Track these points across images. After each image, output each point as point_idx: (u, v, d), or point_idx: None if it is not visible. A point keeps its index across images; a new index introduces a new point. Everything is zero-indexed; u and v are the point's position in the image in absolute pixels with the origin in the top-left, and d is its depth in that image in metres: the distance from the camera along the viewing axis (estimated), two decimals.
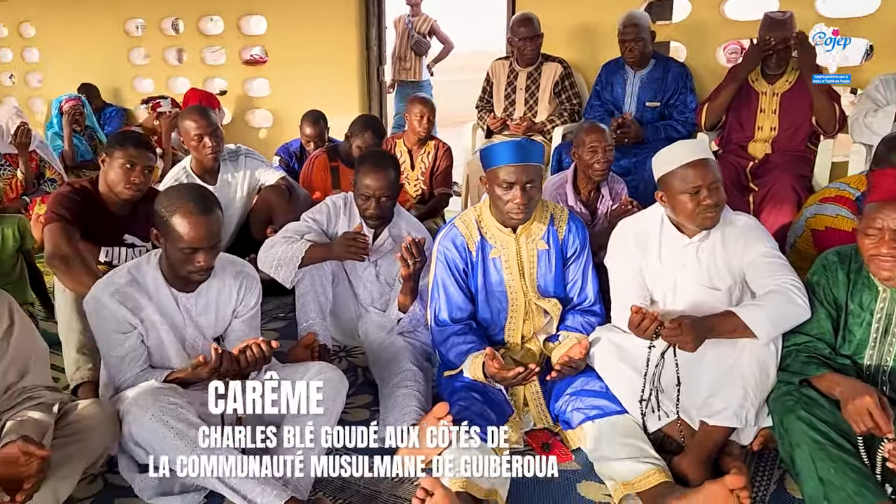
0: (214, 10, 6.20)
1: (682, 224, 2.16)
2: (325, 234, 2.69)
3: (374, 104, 5.64)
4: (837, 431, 1.71)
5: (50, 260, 2.50)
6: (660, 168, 2.17)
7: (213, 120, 3.25)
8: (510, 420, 2.12)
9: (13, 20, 7.40)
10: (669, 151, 2.18)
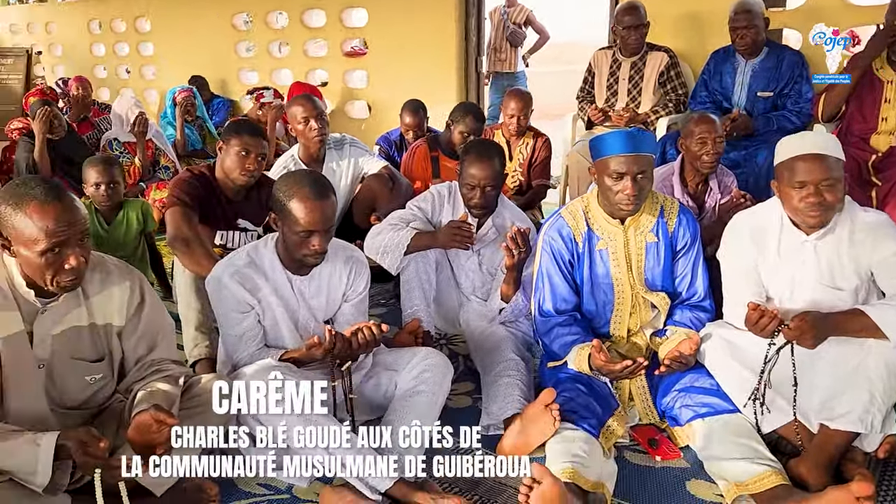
0: (318, 4, 6.36)
1: (794, 219, 2.07)
2: (429, 223, 2.72)
3: (472, 95, 5.64)
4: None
5: (172, 242, 2.64)
6: (777, 156, 2.09)
7: (318, 105, 3.36)
8: (615, 414, 2.09)
9: (130, 16, 7.82)
10: (790, 140, 2.09)
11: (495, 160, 2.58)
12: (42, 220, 1.60)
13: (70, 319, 1.78)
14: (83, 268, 1.69)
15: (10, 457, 1.55)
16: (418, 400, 2.03)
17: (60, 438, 1.56)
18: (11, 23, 9.35)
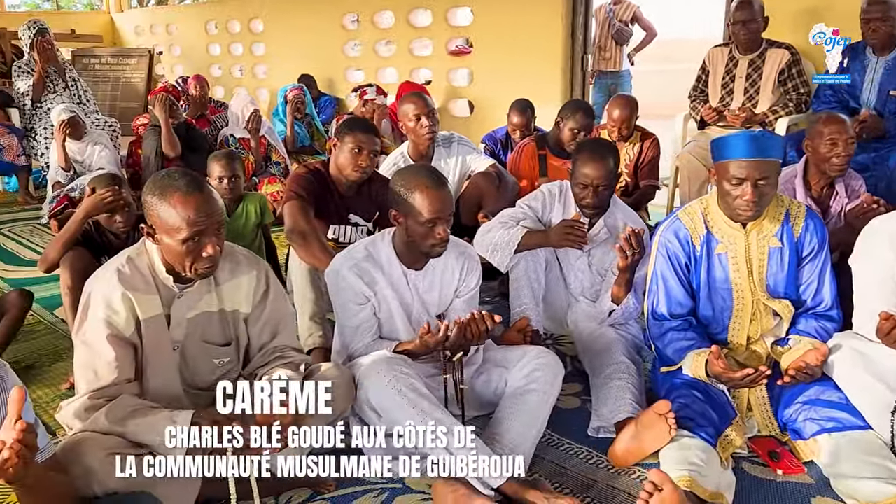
0: (424, 4, 6.44)
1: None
2: (539, 221, 2.71)
3: (577, 94, 5.58)
4: None
5: (289, 234, 2.74)
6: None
7: (430, 102, 3.41)
8: (733, 423, 2.01)
9: (245, 17, 8.16)
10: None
11: (609, 159, 2.54)
12: (184, 210, 1.70)
13: (202, 305, 1.88)
14: (218, 256, 1.78)
15: (149, 431, 1.65)
16: (529, 398, 2.03)
17: (195, 416, 1.65)
18: (136, 24, 9.94)
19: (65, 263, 2.63)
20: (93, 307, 1.76)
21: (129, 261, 1.82)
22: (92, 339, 1.74)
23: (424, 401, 1.88)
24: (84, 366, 1.74)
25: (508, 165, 3.83)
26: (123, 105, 8.70)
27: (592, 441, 2.14)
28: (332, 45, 7.22)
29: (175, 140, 4.71)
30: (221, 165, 3.18)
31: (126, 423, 1.66)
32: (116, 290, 1.75)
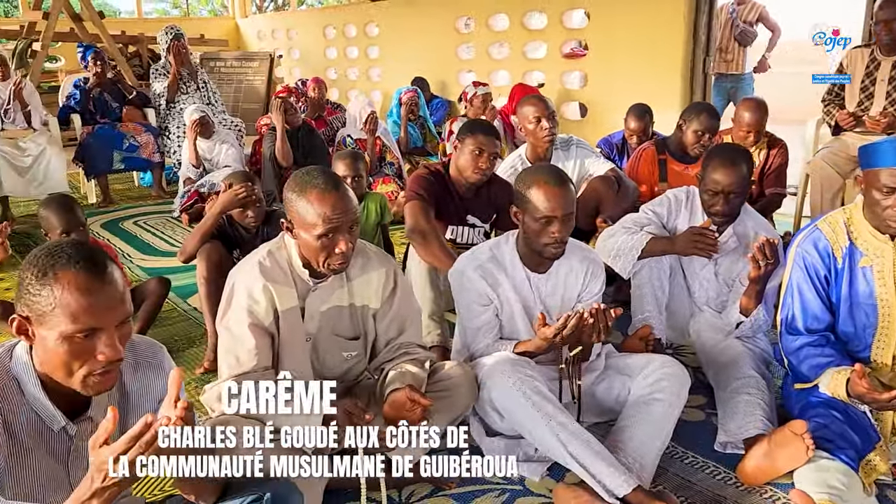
0: (539, 6, 6.42)
1: None
2: (664, 228, 2.64)
3: (698, 97, 5.40)
4: None
5: (410, 233, 2.80)
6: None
7: (550, 105, 3.38)
8: (877, 448, 1.90)
9: (361, 21, 8.40)
10: None
11: (742, 165, 2.44)
12: (321, 207, 1.76)
13: (334, 299, 1.95)
14: (350, 253, 1.84)
15: (286, 418, 1.71)
16: (655, 408, 1.98)
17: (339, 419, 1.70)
18: (259, 29, 10.42)
19: (201, 255, 2.78)
20: (236, 297, 1.85)
21: (270, 254, 1.90)
22: (235, 327, 1.83)
23: (549, 404, 1.87)
24: (227, 351, 1.84)
25: (627, 171, 3.75)
26: (245, 106, 9.14)
27: (719, 456, 2.07)
28: (445, 47, 7.31)
29: (287, 150, 4.84)
30: (346, 164, 3.27)
31: None
32: (258, 281, 1.84)
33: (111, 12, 20.29)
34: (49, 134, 5.15)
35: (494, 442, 2.06)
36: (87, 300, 1.21)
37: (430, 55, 7.40)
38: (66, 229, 2.67)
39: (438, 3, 7.33)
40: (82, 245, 1.28)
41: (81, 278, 1.22)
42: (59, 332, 1.22)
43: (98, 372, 1.26)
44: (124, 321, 1.28)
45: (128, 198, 5.75)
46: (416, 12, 7.61)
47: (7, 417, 1.29)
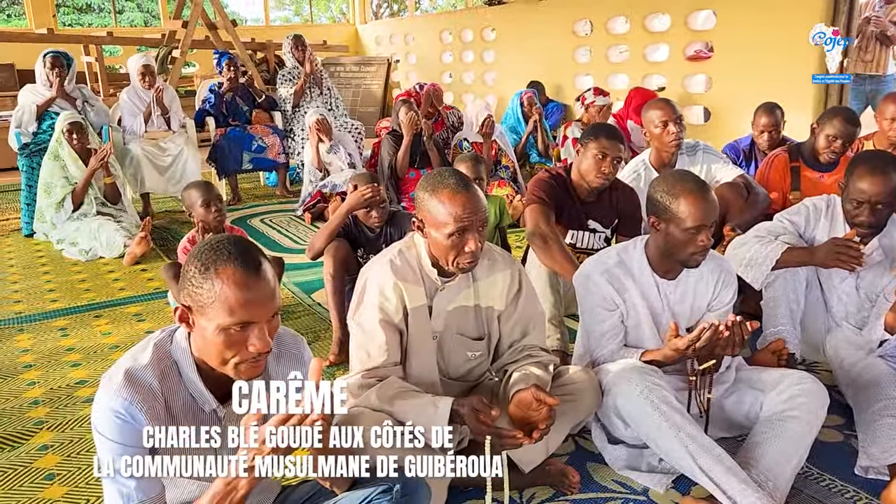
0: (662, 8, 6.26)
1: None
2: (801, 238, 2.52)
3: (833, 101, 5.12)
4: None
5: (531, 237, 2.80)
6: None
7: (677, 109, 3.30)
8: None
9: (478, 26, 8.47)
10: None
11: (891, 174, 2.29)
12: (451, 206, 1.80)
13: (460, 299, 1.98)
14: (479, 252, 1.86)
15: (414, 414, 1.76)
16: (790, 425, 1.89)
17: (455, 404, 1.73)
18: (377, 35, 10.71)
19: (328, 252, 2.89)
20: (368, 293, 1.91)
21: (400, 253, 1.96)
22: (366, 323, 1.90)
23: (677, 414, 1.83)
24: (359, 346, 1.90)
25: (757, 177, 3.60)
26: (363, 110, 9.40)
27: (860, 481, 1.96)
28: (561, 51, 7.27)
29: (406, 164, 4.98)
30: (467, 167, 3.31)
31: (394, 402, 1.79)
32: (389, 279, 1.90)
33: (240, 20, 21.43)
34: (186, 135, 5.50)
35: (617, 450, 2.03)
36: (245, 295, 1.30)
37: (547, 59, 7.37)
38: (206, 200, 3.03)
39: (557, 6, 7.29)
40: (241, 242, 1.36)
41: (240, 275, 1.30)
42: (217, 324, 1.30)
43: (249, 361, 1.35)
44: (274, 315, 1.36)
45: (254, 196, 6.06)
46: (533, 16, 7.60)
47: (168, 397, 1.39)
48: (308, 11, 19.07)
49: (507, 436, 1.67)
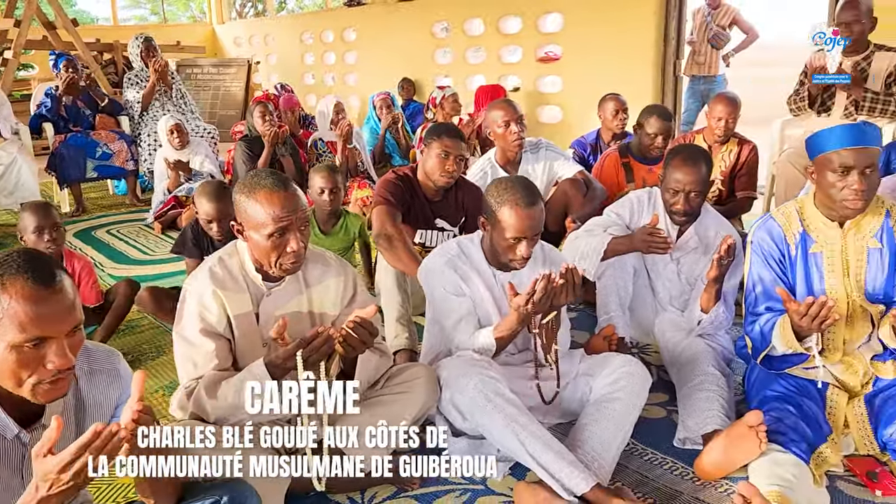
0: (515, 11, 6.47)
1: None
2: (628, 229, 2.68)
3: (668, 99, 5.48)
4: None
5: (376, 238, 2.81)
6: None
7: (518, 109, 3.42)
8: (828, 440, 1.94)
9: (339, 27, 8.41)
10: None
11: (702, 165, 2.49)
12: (269, 207, 1.78)
13: (292, 305, 1.96)
14: (303, 252, 1.85)
15: (240, 391, 1.68)
16: (614, 406, 2.01)
17: (265, 359, 1.75)
18: (236, 36, 10.41)
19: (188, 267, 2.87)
20: (188, 304, 1.87)
21: (221, 261, 1.92)
22: (189, 333, 1.85)
23: (509, 406, 1.90)
24: (185, 358, 1.85)
25: (594, 174, 3.79)
26: (222, 113, 9.12)
27: (678, 452, 2.10)
28: (422, 52, 7.34)
29: None
30: (323, 178, 3.25)
31: (218, 387, 1.77)
32: (208, 287, 1.86)
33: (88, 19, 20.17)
34: (20, 143, 5.12)
35: (458, 442, 2.07)
36: (36, 310, 1.21)
37: (408, 60, 7.42)
38: (39, 226, 2.71)
39: (415, 8, 7.36)
40: (32, 253, 1.28)
41: (29, 287, 1.22)
42: (7, 342, 1.21)
43: (48, 381, 1.26)
44: (75, 329, 1.28)
45: (101, 206, 5.72)
46: (392, 17, 7.64)
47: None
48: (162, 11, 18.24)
49: (311, 336, 1.66)
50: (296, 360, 1.66)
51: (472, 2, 6.76)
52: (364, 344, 1.74)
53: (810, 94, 3.88)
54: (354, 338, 1.72)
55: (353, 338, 1.72)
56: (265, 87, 8.77)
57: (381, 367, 2.00)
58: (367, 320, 1.73)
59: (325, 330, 1.68)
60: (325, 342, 1.68)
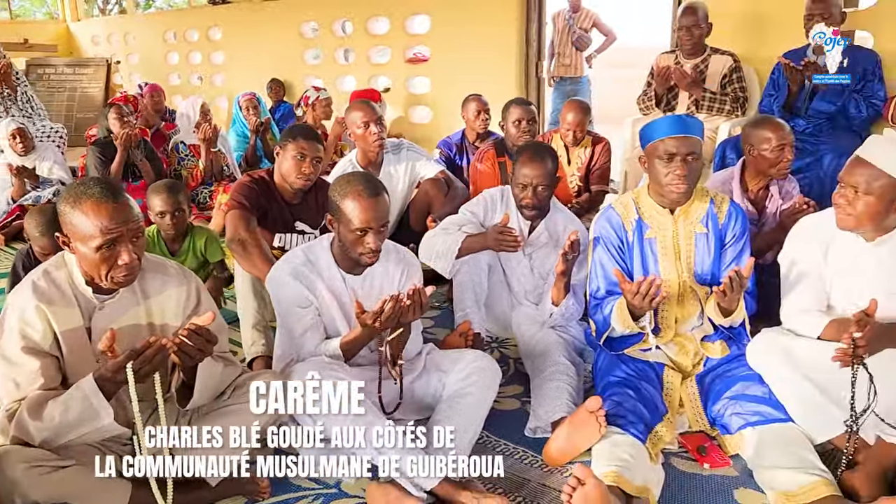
0: (383, 12, 6.47)
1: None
2: (482, 226, 2.74)
3: (532, 99, 5.63)
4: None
5: (230, 244, 2.73)
6: None
7: (377, 110, 3.42)
8: (664, 419, 2.06)
9: (203, 25, 8.11)
10: None
11: (547, 160, 2.59)
12: (97, 218, 1.68)
13: (129, 317, 1.86)
14: (136, 264, 1.76)
15: (67, 410, 1.63)
16: (465, 401, 2.05)
17: (95, 374, 1.65)
18: (93, 34, 9.83)
19: None
20: (8, 320, 1.74)
21: (46, 273, 1.80)
22: (9, 352, 1.72)
23: (359, 406, 1.89)
24: (4, 378, 1.72)
25: (471, 172, 3.82)
26: (80, 115, 8.61)
27: (529, 441, 2.17)
28: (291, 53, 7.21)
29: (119, 179, 4.59)
30: (162, 200, 2.95)
31: (44, 407, 1.65)
32: (30, 302, 1.73)
33: None
34: None
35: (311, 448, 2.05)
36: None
37: (277, 60, 7.26)
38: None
39: (283, 7, 7.21)
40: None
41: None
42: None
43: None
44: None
45: None
46: (259, 16, 7.45)
47: None
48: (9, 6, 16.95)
49: (141, 347, 1.61)
50: (125, 373, 1.59)
51: (341, 2, 6.71)
52: (201, 352, 1.69)
53: (657, 94, 4.13)
54: (190, 346, 1.66)
55: (189, 346, 1.66)
56: (125, 88, 8.34)
57: (227, 377, 1.94)
58: (203, 327, 1.67)
59: (156, 339, 1.62)
60: (157, 352, 1.61)
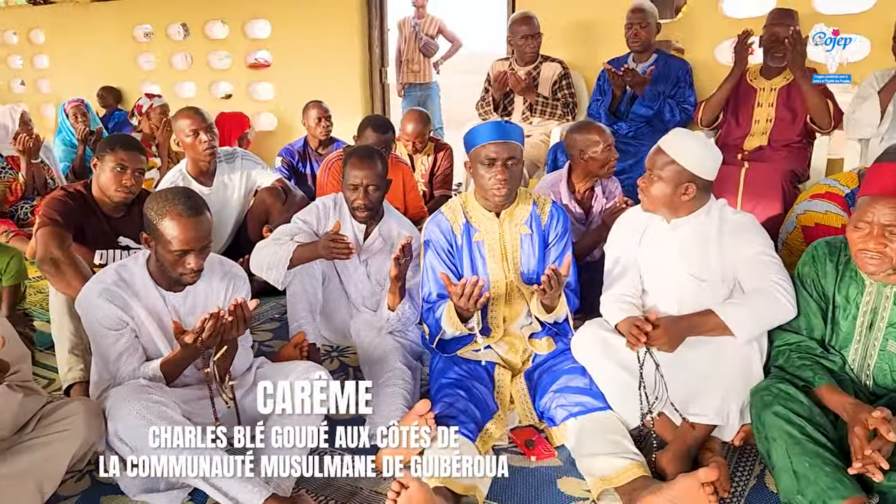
0: (221, 15, 6.25)
1: None
2: (315, 235, 2.69)
3: (378, 106, 5.66)
4: (813, 426, 1.71)
5: (40, 264, 2.51)
6: None
7: (207, 117, 3.29)
8: (495, 417, 2.12)
9: (23, 27, 7.50)
10: None
11: (377, 161, 2.59)
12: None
13: None
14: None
15: None
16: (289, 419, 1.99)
17: None
18: None
19: None
20: None
21: None
22: None
23: (176, 428, 1.81)
24: None
25: (318, 180, 3.72)
26: None
27: (365, 449, 2.15)
28: (123, 57, 6.80)
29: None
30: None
31: None
32: None
33: None
34: None
35: (132, 475, 1.93)
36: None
37: (108, 65, 6.82)
38: None
39: (112, 9, 6.79)
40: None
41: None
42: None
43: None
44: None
45: None
46: (87, 19, 6.97)
47: None
48: None
49: None
50: None
51: (174, 5, 6.41)
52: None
53: (494, 99, 4.26)
54: None
55: None
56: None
57: (29, 408, 1.79)
58: None
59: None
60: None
